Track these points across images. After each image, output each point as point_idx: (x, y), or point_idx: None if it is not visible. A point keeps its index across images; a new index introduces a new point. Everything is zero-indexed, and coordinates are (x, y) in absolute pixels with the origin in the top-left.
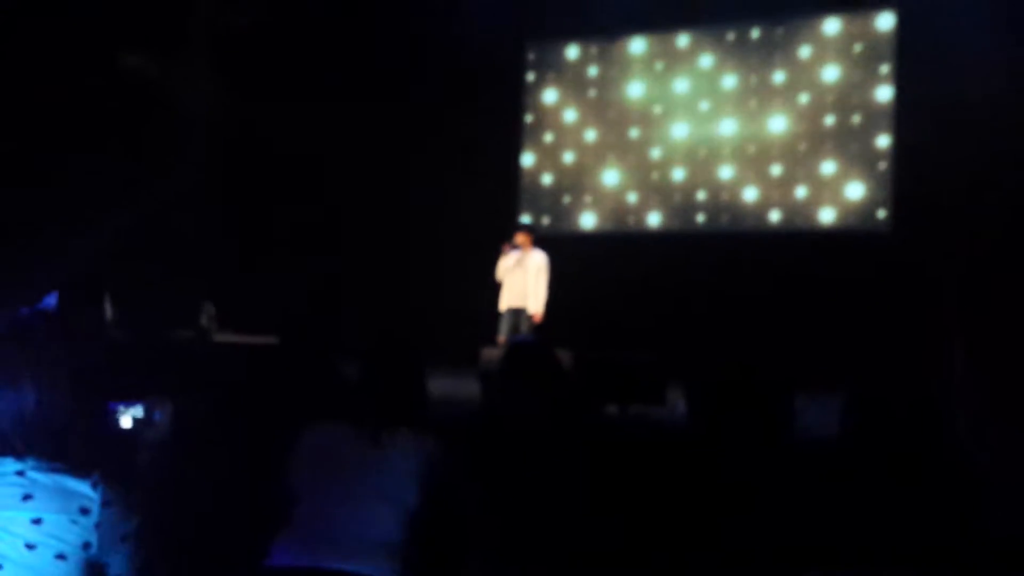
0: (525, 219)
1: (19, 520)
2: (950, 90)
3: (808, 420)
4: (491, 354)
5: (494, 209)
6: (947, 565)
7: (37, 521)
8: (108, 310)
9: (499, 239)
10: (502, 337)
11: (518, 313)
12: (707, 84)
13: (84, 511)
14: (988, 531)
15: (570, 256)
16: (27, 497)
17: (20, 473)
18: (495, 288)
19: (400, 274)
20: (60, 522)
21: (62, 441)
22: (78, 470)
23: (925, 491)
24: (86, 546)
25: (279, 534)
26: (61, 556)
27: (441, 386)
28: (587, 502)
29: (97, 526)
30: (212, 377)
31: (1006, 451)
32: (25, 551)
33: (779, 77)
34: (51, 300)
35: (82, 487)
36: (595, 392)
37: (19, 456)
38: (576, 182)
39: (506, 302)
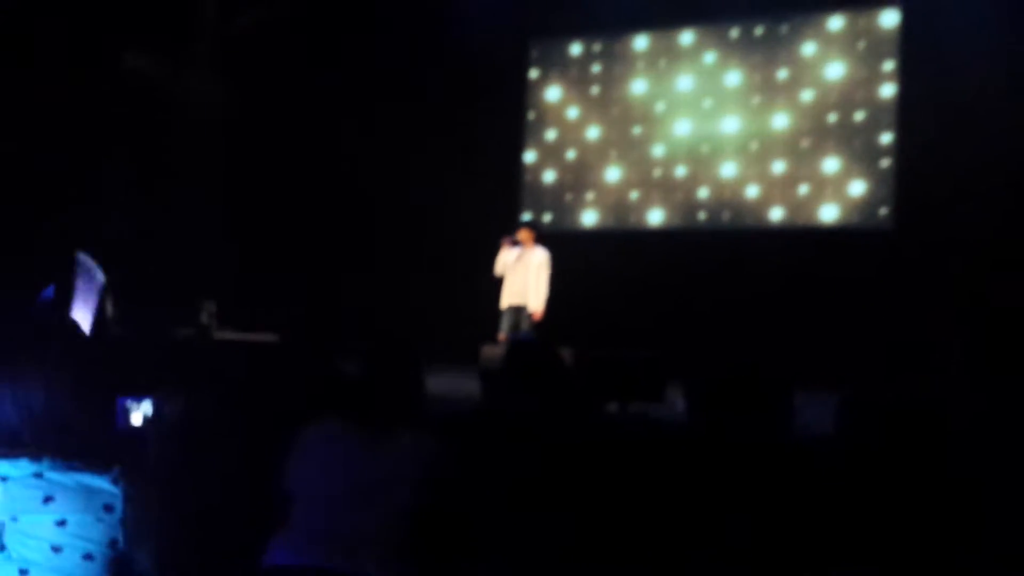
0: (527, 216)
1: (42, 523)
2: (953, 87)
3: (808, 418)
4: (491, 351)
5: (496, 206)
6: (942, 568)
7: (61, 523)
8: (109, 307)
9: (500, 236)
10: (503, 334)
11: (519, 311)
12: (710, 81)
13: (108, 508)
14: (982, 535)
15: (572, 253)
16: (48, 499)
17: (37, 475)
18: (496, 285)
19: (401, 271)
20: (85, 522)
21: (73, 437)
22: (97, 467)
23: (919, 493)
24: (113, 544)
25: (277, 532)
26: (88, 556)
27: (441, 383)
28: (587, 500)
29: (122, 522)
30: (213, 374)
31: (1003, 451)
32: (51, 554)
33: (782, 74)
34: (48, 294)
35: (103, 484)
36: (595, 390)
37: (34, 458)
38: (578, 179)
39: (507, 299)
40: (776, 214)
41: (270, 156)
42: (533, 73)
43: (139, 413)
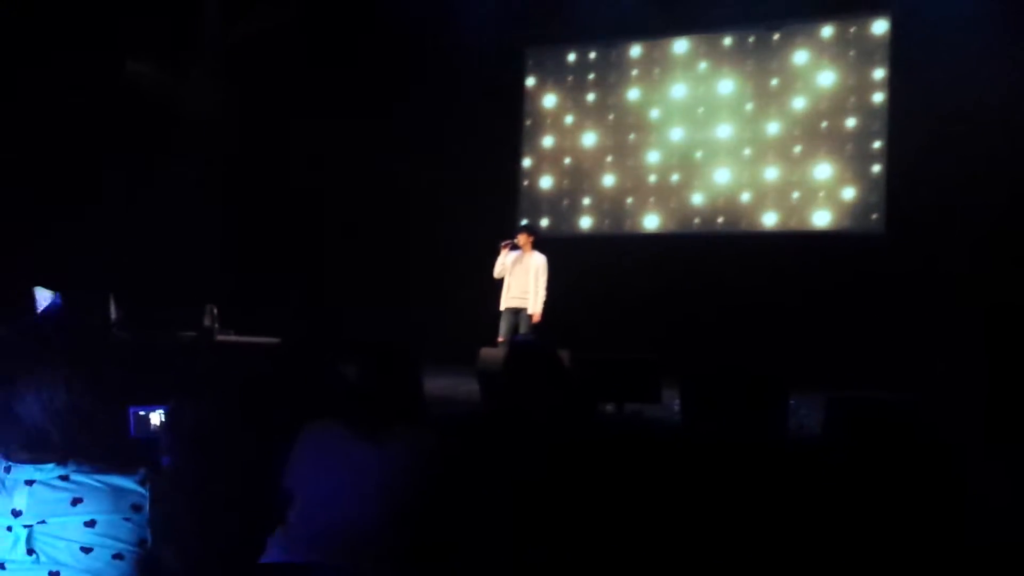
0: (524, 221)
1: (72, 525)
2: (943, 94)
3: (801, 418)
4: (490, 354)
5: (494, 211)
6: (923, 569)
7: (91, 523)
8: (113, 311)
9: (498, 240)
10: (501, 337)
11: (517, 313)
12: (703, 89)
13: (136, 508)
14: (964, 538)
15: (569, 257)
16: (76, 501)
17: (64, 477)
18: (494, 288)
19: (401, 275)
20: (114, 522)
21: (98, 436)
22: (123, 468)
23: (903, 494)
24: (142, 543)
25: (276, 531)
26: (118, 556)
27: (440, 386)
28: (586, 499)
29: (150, 522)
30: (217, 377)
31: (987, 456)
32: (82, 555)
33: (775, 82)
34: (56, 301)
35: (130, 484)
36: (592, 390)
37: (60, 461)
38: (574, 185)
39: (506, 302)
40: (769, 219)
41: (270, 161)
42: (530, 81)
43: (155, 418)
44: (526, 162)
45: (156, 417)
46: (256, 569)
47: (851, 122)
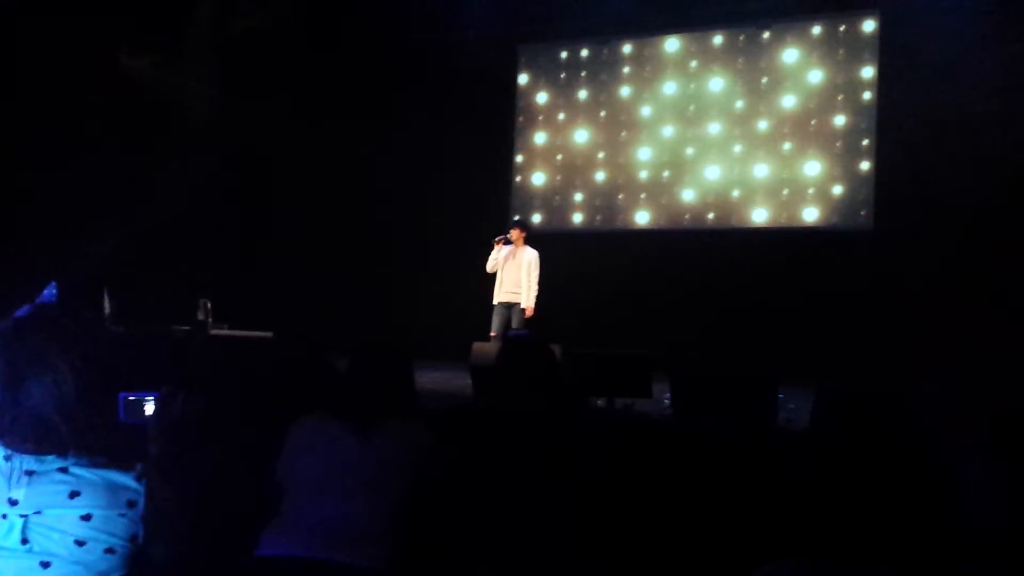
0: (517, 216)
1: (68, 517)
2: (931, 92)
3: (790, 412)
4: (482, 348)
5: (486, 207)
6: (911, 562)
7: (86, 517)
8: (107, 305)
9: (490, 237)
10: (494, 331)
11: (510, 307)
12: (694, 87)
13: (131, 504)
14: (953, 531)
15: (561, 253)
16: (74, 494)
17: (63, 470)
18: (487, 283)
19: (393, 269)
20: (109, 517)
21: (103, 430)
22: (121, 463)
23: (892, 488)
24: (134, 538)
25: (269, 524)
26: (110, 550)
27: (433, 379)
28: (578, 493)
29: (143, 518)
30: (209, 369)
31: (973, 450)
32: (75, 548)
33: (765, 80)
34: (51, 292)
35: (127, 480)
36: (584, 385)
37: (61, 453)
38: (566, 181)
39: (498, 297)
40: (759, 215)
41: (265, 156)
42: (522, 78)
43: (148, 406)
44: (518, 158)
45: (148, 405)
46: (249, 562)
47: (840, 120)
